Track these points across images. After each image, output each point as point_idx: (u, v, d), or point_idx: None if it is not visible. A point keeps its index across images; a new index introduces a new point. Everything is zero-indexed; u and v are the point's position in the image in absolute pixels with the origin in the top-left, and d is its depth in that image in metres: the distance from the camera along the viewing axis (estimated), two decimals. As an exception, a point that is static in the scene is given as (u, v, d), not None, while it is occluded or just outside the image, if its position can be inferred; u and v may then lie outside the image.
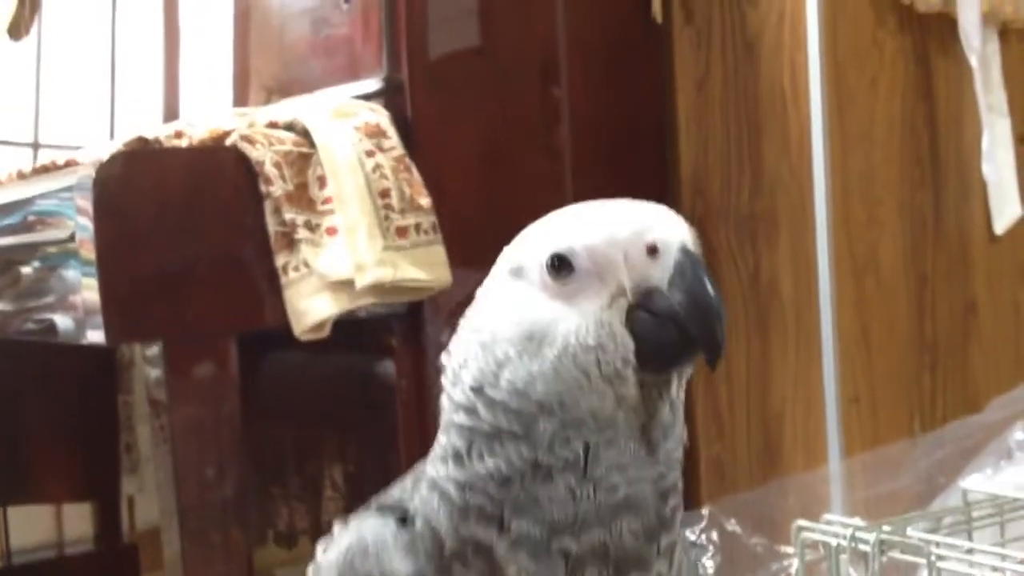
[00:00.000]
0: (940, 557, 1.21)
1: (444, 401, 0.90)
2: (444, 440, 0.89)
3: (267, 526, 2.71)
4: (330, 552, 0.93)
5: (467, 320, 0.92)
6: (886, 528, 1.28)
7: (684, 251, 0.84)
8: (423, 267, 1.86)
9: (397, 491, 0.95)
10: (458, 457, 0.86)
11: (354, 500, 2.73)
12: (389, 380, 2.16)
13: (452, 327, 0.95)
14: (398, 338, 2.09)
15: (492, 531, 0.84)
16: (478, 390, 0.87)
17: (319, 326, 1.85)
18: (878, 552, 1.24)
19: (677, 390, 0.86)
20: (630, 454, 0.84)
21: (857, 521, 1.32)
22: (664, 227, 0.85)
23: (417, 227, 1.89)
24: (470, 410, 0.87)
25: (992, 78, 2.24)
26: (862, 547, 1.27)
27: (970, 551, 1.24)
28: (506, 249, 0.92)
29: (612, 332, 0.84)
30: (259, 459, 2.58)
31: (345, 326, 1.96)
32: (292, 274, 1.84)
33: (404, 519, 0.90)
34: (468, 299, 0.92)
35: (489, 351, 0.87)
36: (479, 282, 0.94)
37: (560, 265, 0.85)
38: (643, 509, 0.84)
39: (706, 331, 0.82)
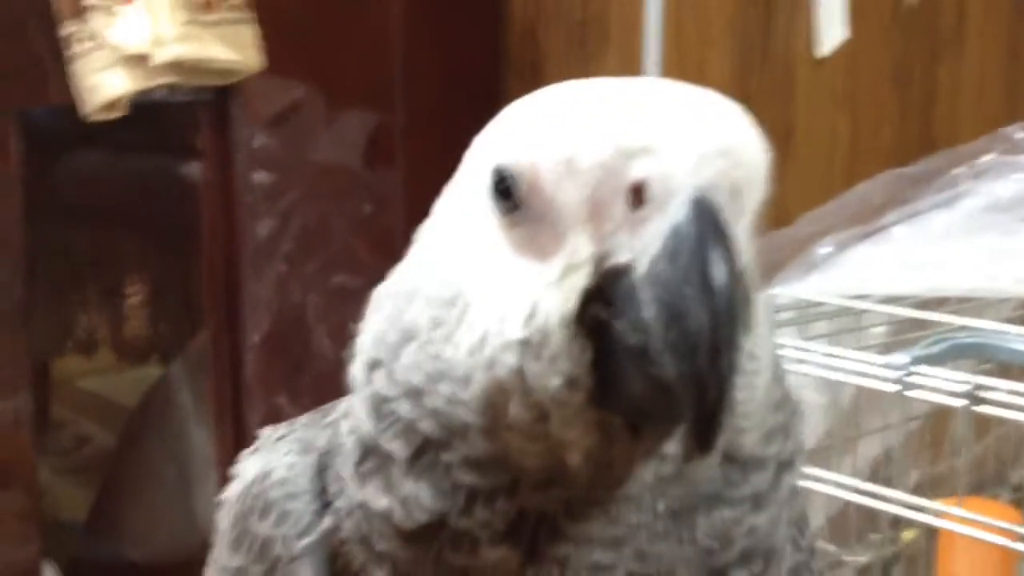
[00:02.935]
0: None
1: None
2: (345, 429, 0.61)
3: (65, 334, 2.62)
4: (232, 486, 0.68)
5: (412, 247, 0.60)
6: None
7: (698, 205, 0.48)
8: (231, 47, 1.72)
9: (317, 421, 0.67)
10: (358, 468, 0.59)
11: (157, 310, 2.66)
12: (194, 184, 2.03)
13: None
14: (204, 136, 1.96)
15: None
16: (372, 366, 0.58)
17: (111, 104, 1.69)
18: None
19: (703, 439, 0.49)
20: (629, 524, 0.53)
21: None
22: (676, 149, 0.49)
23: (226, 2, 1.74)
24: (365, 403, 0.58)
25: None
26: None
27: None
28: (486, 129, 0.57)
29: (546, 328, 0.51)
30: (54, 264, 2.45)
31: (148, 122, 1.82)
32: (81, 46, 1.67)
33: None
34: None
35: (400, 309, 0.57)
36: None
37: (505, 189, 0.53)
38: None
39: (687, 376, 0.47)
